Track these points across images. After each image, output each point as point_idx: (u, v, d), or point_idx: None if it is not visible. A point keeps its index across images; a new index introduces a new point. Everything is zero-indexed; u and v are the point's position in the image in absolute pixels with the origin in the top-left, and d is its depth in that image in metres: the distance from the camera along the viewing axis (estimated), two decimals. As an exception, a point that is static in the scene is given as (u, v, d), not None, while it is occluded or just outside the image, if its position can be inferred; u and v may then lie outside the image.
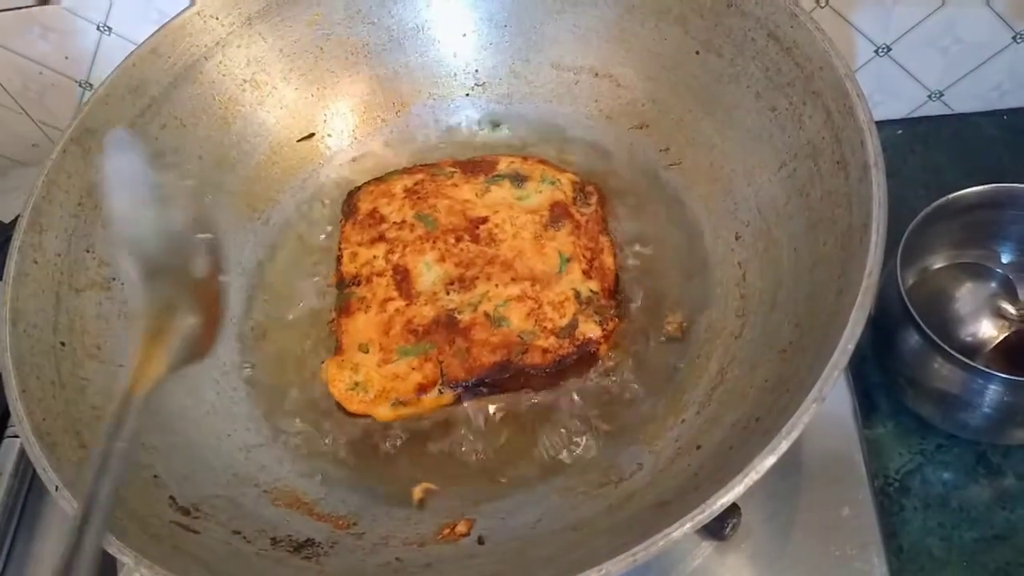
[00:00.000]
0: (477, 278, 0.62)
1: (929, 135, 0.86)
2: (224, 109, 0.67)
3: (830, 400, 0.65)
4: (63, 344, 0.56)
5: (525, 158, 0.67)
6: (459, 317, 0.60)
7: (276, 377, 0.63)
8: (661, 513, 0.44)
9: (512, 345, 0.59)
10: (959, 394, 0.63)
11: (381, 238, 0.65)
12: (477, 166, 0.67)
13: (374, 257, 0.64)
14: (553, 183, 0.65)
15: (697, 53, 0.63)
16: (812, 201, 0.54)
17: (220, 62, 0.67)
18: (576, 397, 0.59)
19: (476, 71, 0.71)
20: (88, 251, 0.60)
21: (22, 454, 0.67)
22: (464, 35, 0.70)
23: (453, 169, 0.67)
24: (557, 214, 0.64)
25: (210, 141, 0.67)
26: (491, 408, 0.60)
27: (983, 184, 0.67)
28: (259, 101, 0.68)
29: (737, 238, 0.60)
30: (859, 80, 0.52)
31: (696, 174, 0.64)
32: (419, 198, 0.66)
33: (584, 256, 0.62)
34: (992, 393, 0.62)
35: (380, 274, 0.63)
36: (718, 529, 0.59)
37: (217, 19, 0.66)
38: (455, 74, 0.71)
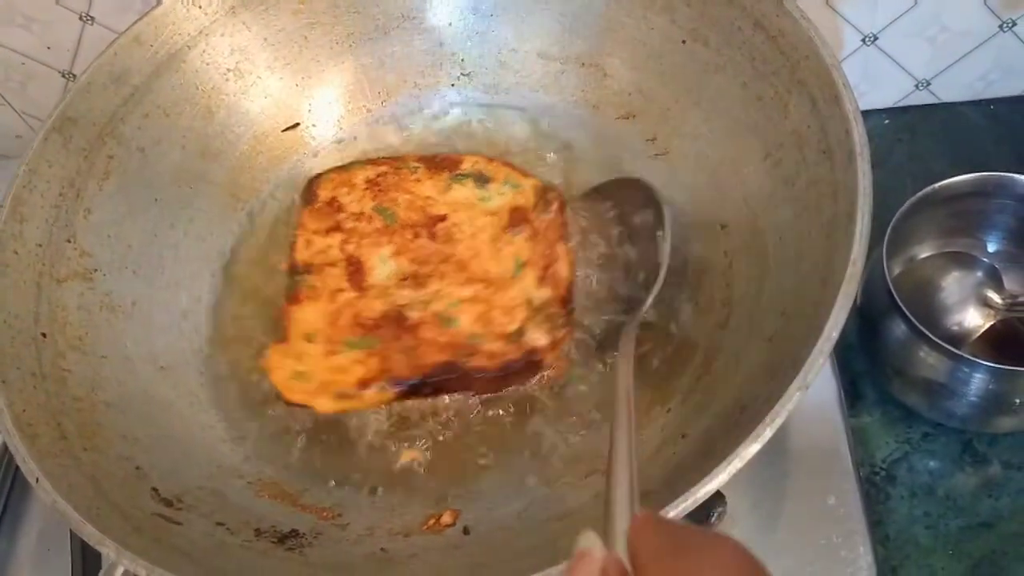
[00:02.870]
0: (431, 276, 0.61)
1: (916, 124, 0.86)
2: (207, 98, 0.66)
3: (816, 389, 0.65)
4: (44, 335, 0.56)
5: (490, 159, 0.67)
6: (409, 314, 0.59)
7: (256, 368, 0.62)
8: (646, 502, 0.43)
9: (459, 346, 0.58)
10: (945, 383, 0.63)
11: (338, 227, 0.64)
12: (441, 163, 0.67)
13: (329, 246, 0.63)
14: (516, 187, 0.65)
15: (683, 42, 0.62)
16: (797, 190, 0.54)
17: (203, 51, 0.66)
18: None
19: (462, 61, 0.71)
20: (70, 241, 0.59)
21: (4, 448, 0.66)
22: (450, 24, 0.70)
23: (417, 164, 0.67)
24: (517, 219, 0.63)
25: (193, 131, 0.66)
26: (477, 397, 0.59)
27: (970, 173, 0.67)
28: (243, 90, 0.68)
29: (723, 228, 0.60)
30: (846, 69, 0.52)
31: (683, 164, 0.64)
32: (380, 190, 0.65)
33: (539, 263, 0.61)
34: (978, 382, 0.62)
35: (333, 264, 0.62)
36: (704, 518, 0.59)
37: (200, 7, 0.65)
38: (441, 64, 0.71)
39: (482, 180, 0.65)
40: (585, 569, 0.33)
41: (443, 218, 0.64)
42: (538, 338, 0.58)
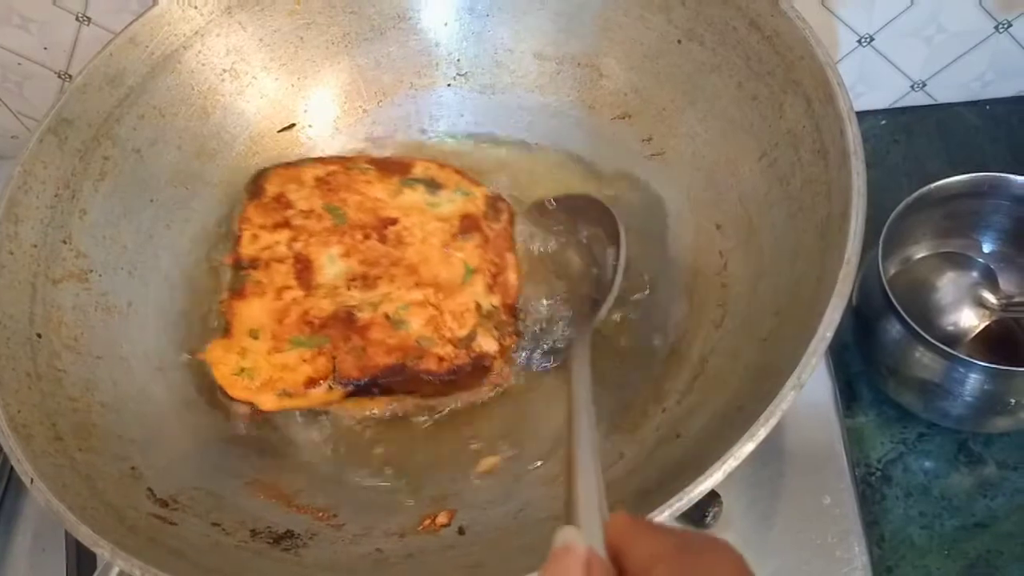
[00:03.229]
0: (380, 278, 0.61)
1: (912, 125, 0.86)
2: (203, 99, 0.66)
3: (812, 389, 0.66)
4: (39, 336, 0.56)
5: (442, 165, 0.67)
6: (358, 315, 0.59)
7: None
8: (641, 501, 0.44)
9: (409, 349, 0.58)
10: (940, 383, 0.63)
11: (286, 224, 0.63)
12: (392, 166, 0.66)
13: (276, 242, 0.63)
14: (466, 195, 0.65)
15: (679, 42, 0.62)
16: (792, 190, 0.54)
17: (199, 51, 0.66)
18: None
19: (458, 61, 0.71)
20: (65, 242, 0.59)
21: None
22: (446, 24, 0.70)
23: (368, 166, 0.66)
24: (467, 226, 0.63)
25: (189, 131, 0.66)
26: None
27: (965, 174, 0.67)
28: (239, 91, 0.68)
29: (718, 228, 0.60)
30: (842, 70, 0.52)
31: (678, 164, 0.64)
32: (330, 190, 0.65)
33: (489, 270, 0.62)
34: (973, 382, 0.62)
35: (280, 260, 0.62)
36: (699, 517, 0.59)
37: (196, 8, 0.65)
38: (437, 64, 0.71)
39: (433, 186, 0.65)
40: (568, 564, 0.33)
41: (394, 221, 0.63)
42: (487, 344, 0.58)
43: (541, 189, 0.68)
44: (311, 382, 0.57)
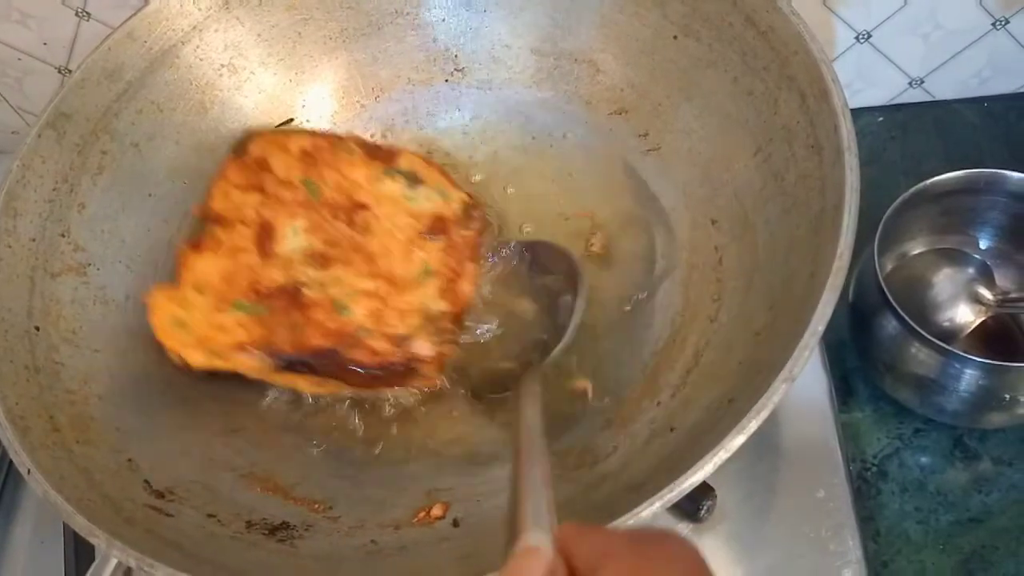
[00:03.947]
0: (337, 260, 0.60)
1: (909, 122, 0.86)
2: (201, 94, 0.67)
3: (807, 385, 0.67)
4: (38, 329, 0.56)
5: (428, 162, 0.66)
6: (305, 292, 0.59)
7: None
8: (633, 494, 0.44)
9: (345, 336, 0.57)
10: (936, 379, 0.63)
11: (260, 188, 0.63)
12: (379, 152, 0.66)
13: (245, 204, 0.62)
14: (444, 196, 0.64)
15: (675, 38, 0.63)
16: (787, 185, 0.54)
17: (197, 47, 0.66)
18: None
19: (456, 56, 0.71)
20: (63, 236, 0.60)
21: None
22: (443, 20, 0.70)
23: (356, 148, 0.66)
24: (436, 227, 0.63)
25: (187, 126, 0.66)
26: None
27: (963, 170, 0.67)
28: (237, 86, 0.68)
29: (714, 223, 0.60)
30: (840, 67, 0.53)
31: (675, 160, 0.64)
32: (312, 164, 0.64)
33: (446, 276, 0.61)
34: (969, 377, 0.62)
35: (245, 223, 0.61)
36: (693, 511, 0.59)
37: (194, 3, 0.65)
38: (435, 59, 0.71)
39: (414, 180, 0.65)
40: (533, 566, 0.33)
41: (365, 207, 0.63)
42: (423, 347, 0.58)
43: (536, 187, 0.69)
44: (242, 348, 0.57)
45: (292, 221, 0.62)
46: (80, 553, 0.63)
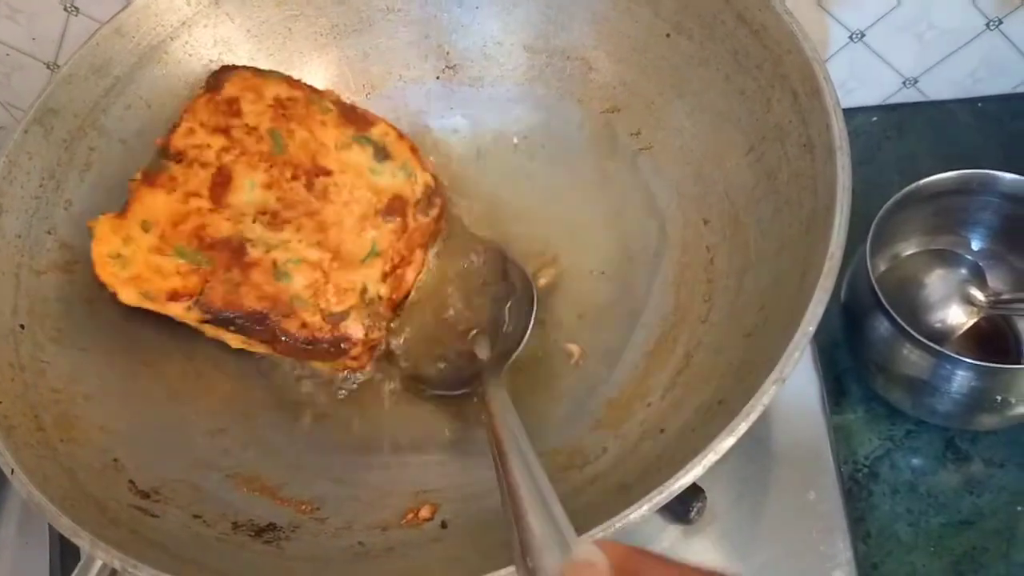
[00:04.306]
0: (288, 223, 0.59)
1: (903, 122, 0.86)
2: (190, 90, 0.66)
3: (799, 386, 0.66)
4: (22, 327, 0.55)
5: (401, 135, 0.65)
6: (250, 250, 0.58)
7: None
8: (623, 495, 0.43)
9: (280, 303, 0.57)
10: (928, 380, 0.63)
11: (226, 132, 0.61)
12: (354, 117, 0.65)
13: (208, 145, 0.61)
14: (409, 175, 0.63)
15: (668, 36, 0.62)
16: (779, 185, 0.54)
17: (186, 42, 0.65)
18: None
19: (448, 53, 0.70)
20: (50, 233, 0.59)
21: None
22: (435, 16, 0.69)
23: (331, 107, 0.64)
24: (394, 207, 0.62)
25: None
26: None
27: (956, 170, 0.67)
28: (226, 82, 0.67)
29: (706, 223, 0.60)
30: (833, 66, 0.52)
31: (666, 158, 0.64)
32: (283, 116, 0.63)
33: (392, 259, 0.60)
34: (960, 379, 0.62)
35: (204, 165, 0.60)
36: (684, 513, 0.59)
37: (183, -2, 0.65)
38: (426, 56, 0.71)
39: (382, 154, 0.63)
40: None
41: (328, 173, 0.62)
42: (354, 329, 0.58)
43: (528, 185, 0.68)
44: (175, 295, 0.56)
45: (251, 173, 0.60)
46: (65, 554, 0.63)
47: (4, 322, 0.55)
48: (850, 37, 0.78)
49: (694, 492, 0.59)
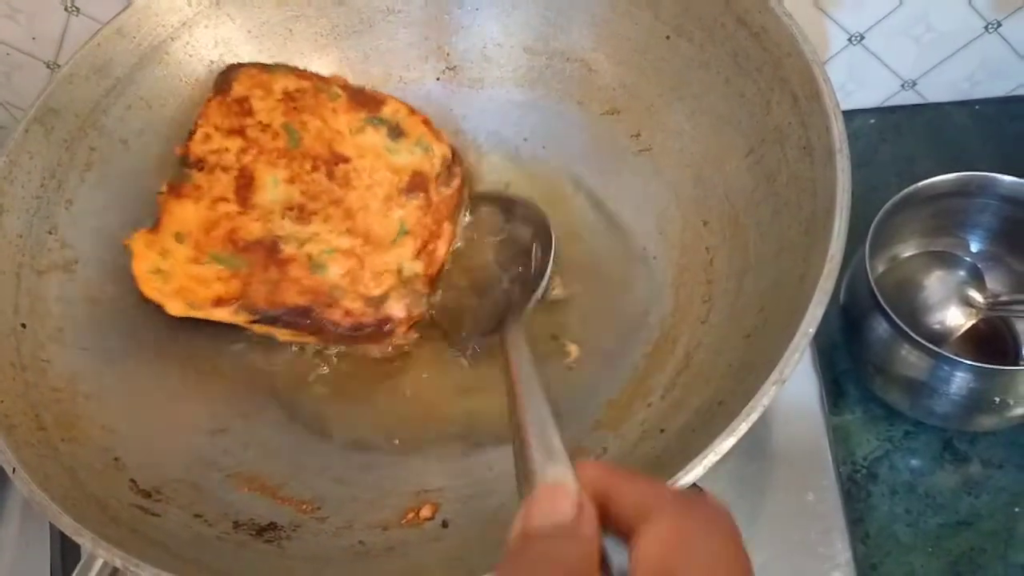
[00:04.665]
0: (316, 214, 0.60)
1: (902, 124, 0.86)
2: (191, 90, 0.66)
3: (798, 387, 0.67)
4: (24, 326, 0.55)
5: (412, 111, 0.65)
6: (283, 247, 0.59)
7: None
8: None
9: (321, 295, 0.58)
10: (926, 381, 0.63)
11: (241, 133, 0.62)
12: (364, 99, 0.65)
13: (226, 149, 0.62)
14: (426, 150, 0.63)
15: (668, 38, 0.62)
16: (778, 187, 0.54)
17: (187, 43, 0.66)
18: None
19: (448, 55, 0.71)
20: (51, 232, 0.59)
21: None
22: (435, 18, 0.69)
23: (340, 92, 0.65)
24: (415, 183, 0.62)
25: (176, 122, 0.65)
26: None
27: (954, 173, 0.67)
28: (227, 83, 0.68)
29: (705, 224, 0.60)
30: (832, 69, 0.52)
31: (666, 160, 0.64)
32: (294, 108, 0.63)
33: (422, 235, 0.61)
34: (959, 380, 0.62)
35: (225, 169, 0.61)
36: (683, 514, 0.59)
37: (184, -1, 0.65)
38: (426, 58, 0.71)
39: (396, 132, 0.64)
40: (559, 502, 0.31)
41: (347, 160, 0.62)
42: (397, 309, 0.58)
43: (528, 187, 0.68)
44: (219, 301, 0.57)
45: (273, 171, 0.61)
46: (66, 553, 0.63)
47: (5, 321, 0.55)
48: (849, 39, 0.79)
49: (691, 491, 0.59)
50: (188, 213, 0.60)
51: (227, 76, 0.64)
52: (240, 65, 0.65)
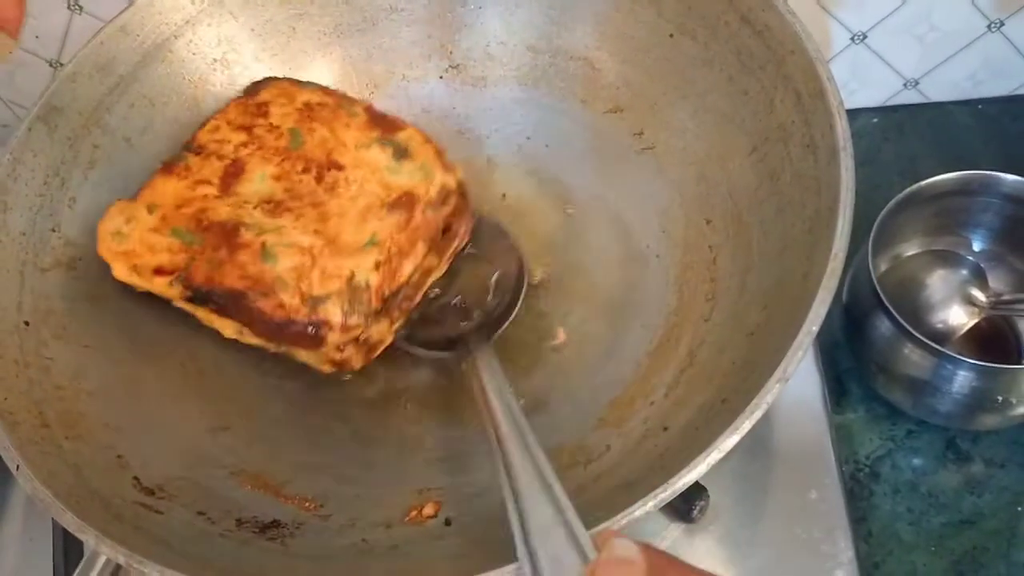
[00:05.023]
0: (290, 211, 0.59)
1: (904, 123, 0.86)
2: (194, 88, 0.66)
3: (801, 386, 0.67)
4: (27, 323, 0.55)
5: (428, 139, 0.63)
6: (243, 233, 0.58)
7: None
8: (626, 493, 0.44)
9: (260, 284, 0.56)
10: (929, 380, 0.63)
11: (249, 130, 0.62)
12: (383, 122, 0.63)
13: (228, 140, 0.62)
14: (427, 175, 0.61)
15: (671, 36, 0.62)
16: (782, 185, 0.54)
17: (190, 41, 0.66)
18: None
19: (451, 53, 0.71)
20: (54, 230, 0.59)
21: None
22: (438, 16, 0.69)
23: (361, 112, 0.64)
24: (402, 202, 0.60)
25: (179, 121, 0.65)
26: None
27: (957, 172, 0.68)
28: (230, 81, 0.67)
29: (708, 223, 0.60)
30: (835, 68, 0.52)
31: (669, 159, 0.64)
32: (309, 117, 0.63)
33: (390, 250, 0.58)
34: (961, 379, 0.62)
35: (220, 157, 0.61)
36: (686, 511, 0.59)
37: (187, -3, 0.65)
38: (429, 56, 0.71)
39: (402, 154, 0.62)
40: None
41: (341, 168, 0.61)
42: (332, 313, 0.55)
43: (532, 185, 0.68)
44: (160, 270, 0.57)
45: (264, 166, 0.61)
46: (69, 550, 0.63)
47: (9, 319, 0.55)
48: (852, 38, 0.79)
49: (697, 491, 0.59)
50: (168, 188, 0.60)
51: (258, 85, 0.65)
52: (274, 78, 0.66)
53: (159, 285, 0.57)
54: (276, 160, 0.61)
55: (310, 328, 0.56)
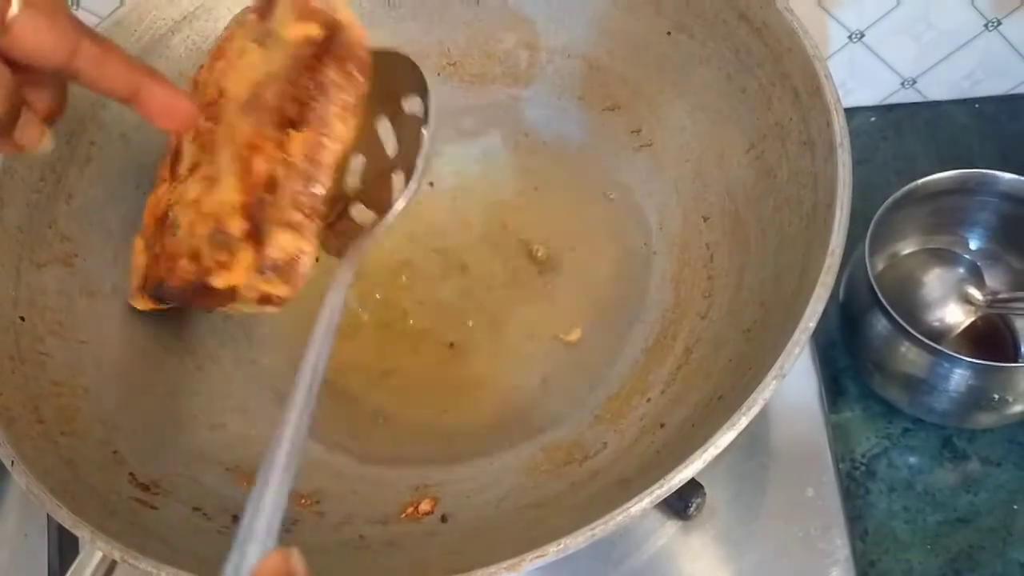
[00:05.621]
0: (200, 165, 0.50)
1: (902, 122, 0.86)
2: (191, 85, 0.66)
3: (797, 384, 0.67)
4: (23, 319, 0.55)
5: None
6: (169, 215, 0.51)
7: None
8: (622, 490, 0.44)
9: (169, 260, 0.50)
10: (925, 378, 0.63)
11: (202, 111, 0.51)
12: (267, 10, 0.50)
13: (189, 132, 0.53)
14: (281, 44, 0.47)
15: (669, 34, 0.62)
16: (779, 182, 0.54)
17: (187, 37, 0.65)
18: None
19: (448, 50, 0.70)
20: (50, 226, 0.59)
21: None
22: (436, 13, 0.69)
23: (251, 18, 0.52)
24: (256, 93, 0.47)
25: (176, 117, 0.65)
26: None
27: (953, 171, 0.68)
28: (228, 77, 0.67)
29: (705, 220, 0.60)
30: (832, 67, 0.52)
31: (667, 156, 0.64)
32: (215, 59, 0.53)
33: (247, 158, 0.46)
34: (958, 377, 0.62)
35: (169, 150, 0.56)
36: (682, 508, 0.59)
37: (184, -8, 0.65)
38: (427, 53, 0.70)
39: (265, 37, 0.49)
40: None
41: (223, 93, 0.50)
42: (208, 258, 0.47)
43: (529, 182, 0.68)
44: (140, 286, 0.55)
45: (188, 135, 0.53)
46: (64, 546, 0.63)
47: (4, 314, 0.55)
48: (849, 37, 0.79)
49: (693, 488, 0.59)
50: (149, 203, 0.57)
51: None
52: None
53: (143, 304, 0.56)
54: (199, 122, 0.51)
55: (201, 287, 0.48)
